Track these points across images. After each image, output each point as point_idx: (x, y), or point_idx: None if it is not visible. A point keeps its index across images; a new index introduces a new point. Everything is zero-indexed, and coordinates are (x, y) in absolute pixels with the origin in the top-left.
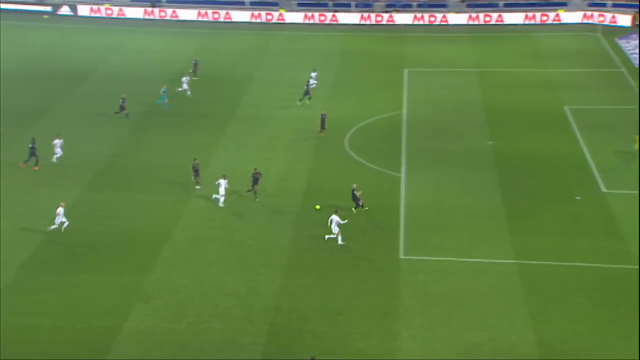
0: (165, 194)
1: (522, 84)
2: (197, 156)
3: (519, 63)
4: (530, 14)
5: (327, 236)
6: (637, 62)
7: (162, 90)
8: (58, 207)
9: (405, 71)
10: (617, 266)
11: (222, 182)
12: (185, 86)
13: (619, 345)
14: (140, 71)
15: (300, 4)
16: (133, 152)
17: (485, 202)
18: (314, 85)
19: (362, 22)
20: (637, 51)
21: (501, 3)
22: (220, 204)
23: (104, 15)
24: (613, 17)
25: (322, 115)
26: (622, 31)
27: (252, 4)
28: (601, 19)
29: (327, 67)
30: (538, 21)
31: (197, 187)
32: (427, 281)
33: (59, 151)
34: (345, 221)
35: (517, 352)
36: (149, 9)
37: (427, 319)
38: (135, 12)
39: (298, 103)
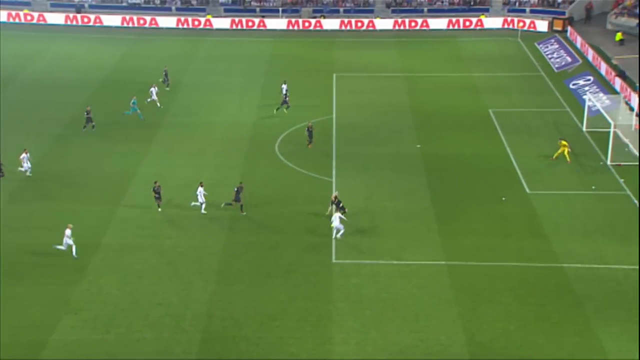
0: (92, 203)
1: (448, 87)
2: (126, 164)
3: (444, 67)
4: (454, 20)
5: (339, 235)
6: (556, 66)
7: (132, 101)
8: (66, 228)
9: (334, 76)
10: (541, 265)
11: (201, 190)
12: (154, 97)
13: (544, 341)
14: (63, 78)
15: (227, 10)
16: (58, 161)
17: (415, 205)
18: (284, 94)
19: (290, 27)
20: (556, 55)
21: (425, 9)
22: (203, 211)
23: (23, 21)
24: (532, 22)
25: (308, 127)
26: (541, 36)
27: (178, 10)
28: (520, 24)
29: (256, 73)
30: (462, 27)
31: (159, 209)
32: (359, 284)
33: (27, 165)
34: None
35: (448, 352)
36: (71, 15)
37: (360, 322)
38: (56, 18)
39: (275, 112)
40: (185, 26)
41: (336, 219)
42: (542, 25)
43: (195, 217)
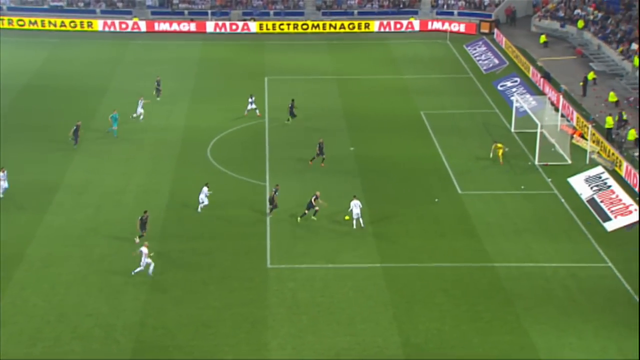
0: (16, 212)
1: (380, 90)
2: (51, 171)
3: (376, 70)
4: (384, 22)
5: (358, 222)
6: (484, 68)
7: (111, 115)
8: (142, 246)
9: (266, 79)
10: (474, 265)
11: (205, 190)
12: (140, 110)
13: (478, 341)
14: None
15: (154, 13)
16: None
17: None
18: (249, 108)
19: (218, 30)
20: (484, 57)
21: (356, 11)
22: (199, 210)
23: None
24: (459, 25)
25: (320, 142)
26: (469, 38)
27: (103, 12)
28: (449, 27)
29: (186, 76)
30: (392, 29)
31: (137, 240)
32: (294, 289)
33: (3, 184)
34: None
35: (384, 354)
36: None
37: (296, 327)
38: None
39: (287, 121)
40: (112, 29)
41: (356, 206)
42: (469, 28)
43: (124, 224)
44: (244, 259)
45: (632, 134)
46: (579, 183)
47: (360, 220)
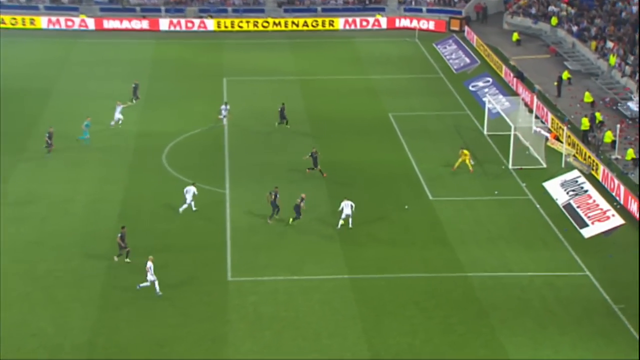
0: None
1: (346, 91)
2: None
3: (341, 70)
4: (350, 19)
5: (340, 223)
6: (455, 67)
7: (84, 123)
8: (147, 261)
9: (225, 80)
10: (446, 274)
11: (191, 189)
12: (118, 115)
13: (451, 355)
14: None
15: (103, 9)
16: None
17: (314, 215)
18: (224, 114)
19: (172, 28)
20: (454, 56)
21: (319, 8)
22: (180, 210)
23: None
24: (428, 22)
25: (313, 153)
26: (438, 36)
27: (47, 8)
28: (417, 24)
29: (138, 77)
30: (358, 26)
31: (115, 259)
32: (257, 303)
33: None
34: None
35: None
36: None
37: (259, 344)
38: None
39: (287, 127)
40: (57, 27)
41: (347, 206)
42: (438, 26)
43: (71, 236)
44: (203, 272)
45: (608, 136)
46: (554, 188)
47: (350, 220)
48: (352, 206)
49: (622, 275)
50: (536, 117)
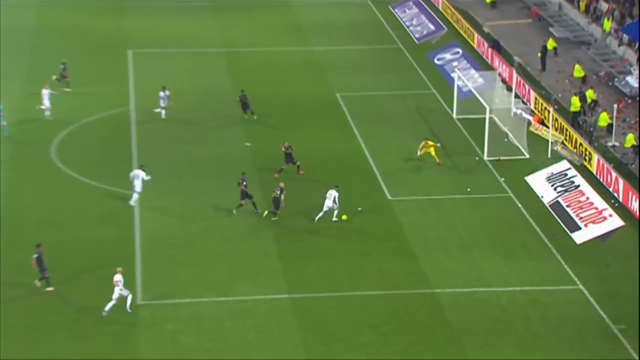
0: None
1: (283, 66)
2: None
3: (277, 40)
4: None
5: (318, 216)
6: (417, 36)
7: None
8: (115, 273)
9: (130, 53)
10: (409, 291)
11: (140, 174)
12: (46, 103)
13: None
14: None
15: None
16: None
17: (247, 221)
18: (162, 105)
19: None
20: (415, 22)
21: None
22: (133, 202)
23: None
24: None
25: (285, 147)
26: None
27: None
28: None
29: (18, 50)
30: None
31: (37, 284)
32: (175, 331)
33: None
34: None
35: None
36: None
37: None
38: None
39: (254, 117)
40: None
41: (332, 198)
42: None
43: None
44: (106, 295)
45: (603, 119)
46: (539, 183)
47: (335, 213)
48: (335, 198)
49: (622, 289)
50: (516, 96)
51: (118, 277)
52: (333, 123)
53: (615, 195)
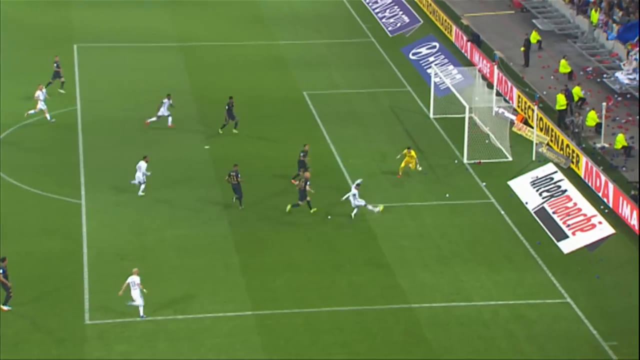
0: None
1: (245, 62)
2: None
3: (238, 33)
4: None
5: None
6: (390, 28)
7: None
8: (131, 275)
9: (75, 47)
10: (384, 307)
11: (143, 165)
12: (41, 105)
13: None
14: None
15: None
16: None
17: (207, 232)
18: (162, 114)
19: None
20: (389, 14)
21: None
22: (141, 192)
23: None
24: None
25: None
26: None
27: None
28: None
29: None
30: None
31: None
32: (127, 353)
33: None
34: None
35: None
36: None
37: None
38: None
39: (234, 131)
40: None
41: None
42: None
43: None
44: (49, 314)
45: (591, 118)
46: (523, 188)
47: (354, 212)
48: (354, 194)
49: (613, 303)
50: (497, 94)
51: (136, 279)
52: (300, 124)
53: (605, 200)
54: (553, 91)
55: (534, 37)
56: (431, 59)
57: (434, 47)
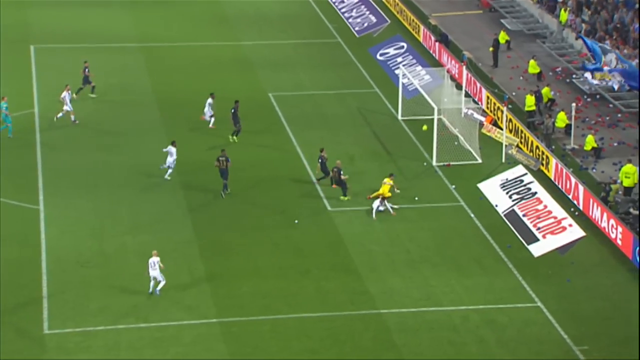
0: None
1: (209, 63)
2: None
3: (201, 34)
4: None
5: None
6: (357, 28)
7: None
8: (152, 257)
9: (32, 48)
10: (352, 312)
11: (173, 150)
12: (68, 107)
13: None
14: None
15: None
16: None
17: (170, 238)
18: (207, 117)
19: None
20: (355, 14)
21: None
22: (167, 176)
23: None
24: None
25: (322, 156)
26: None
27: None
28: None
29: None
30: None
31: None
32: None
33: None
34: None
35: None
36: None
37: None
38: None
39: (234, 139)
40: None
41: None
42: None
43: None
44: (7, 323)
45: (561, 119)
46: (493, 190)
47: (389, 208)
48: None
49: (584, 307)
50: (466, 95)
51: (156, 260)
52: (266, 127)
53: (575, 203)
54: (522, 92)
55: (503, 37)
56: (399, 59)
57: (402, 47)
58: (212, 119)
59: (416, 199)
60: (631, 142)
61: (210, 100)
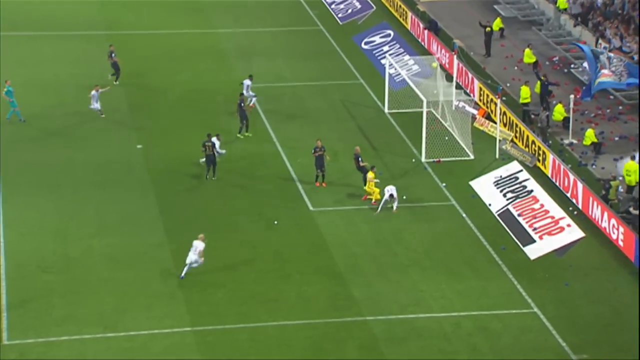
0: None
1: (181, 52)
2: None
3: (173, 21)
4: None
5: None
6: (340, 15)
7: (5, 90)
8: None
9: None
10: (337, 320)
11: (217, 143)
12: (95, 104)
13: None
14: None
15: None
16: None
17: (140, 240)
18: (252, 100)
19: None
20: (339, 0)
21: None
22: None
23: None
24: None
25: (316, 148)
26: None
27: None
28: None
29: None
30: None
31: None
32: None
33: None
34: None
35: None
36: None
37: None
38: None
39: (240, 136)
40: None
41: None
42: None
43: None
44: None
45: (558, 112)
46: (486, 188)
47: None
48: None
49: (583, 312)
50: (457, 86)
51: (199, 246)
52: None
53: (574, 201)
54: (517, 83)
55: (496, 24)
56: (385, 48)
57: (388, 35)
58: (254, 99)
59: (404, 197)
60: (633, 137)
61: (248, 81)
